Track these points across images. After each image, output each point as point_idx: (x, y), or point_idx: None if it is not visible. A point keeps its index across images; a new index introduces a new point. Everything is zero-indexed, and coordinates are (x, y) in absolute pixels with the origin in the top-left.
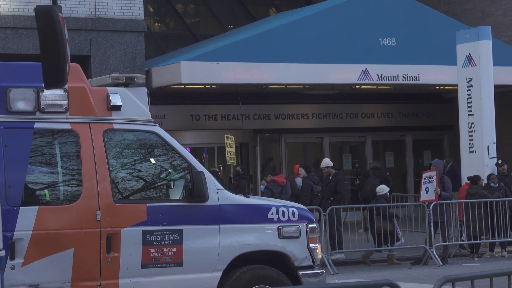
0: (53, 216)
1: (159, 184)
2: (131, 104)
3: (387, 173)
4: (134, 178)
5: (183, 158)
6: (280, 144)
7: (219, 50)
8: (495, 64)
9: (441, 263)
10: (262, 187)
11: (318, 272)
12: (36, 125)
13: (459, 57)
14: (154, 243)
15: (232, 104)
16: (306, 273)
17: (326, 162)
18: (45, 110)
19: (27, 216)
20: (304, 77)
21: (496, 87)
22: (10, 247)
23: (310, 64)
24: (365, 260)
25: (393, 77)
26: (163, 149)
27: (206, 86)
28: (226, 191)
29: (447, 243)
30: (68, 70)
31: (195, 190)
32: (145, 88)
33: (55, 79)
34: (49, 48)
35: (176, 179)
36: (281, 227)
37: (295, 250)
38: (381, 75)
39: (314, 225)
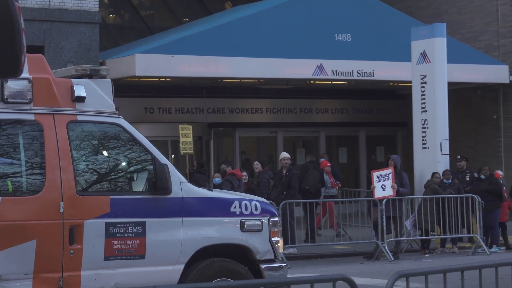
0: (16, 207)
1: (122, 176)
2: (96, 96)
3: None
4: (97, 170)
5: (147, 151)
6: (234, 138)
7: (174, 43)
8: (449, 61)
9: (392, 258)
10: (218, 179)
11: (280, 266)
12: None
13: (414, 54)
14: (117, 235)
15: (186, 98)
16: (268, 267)
17: (286, 154)
18: (8, 100)
19: None
20: (259, 72)
21: (450, 84)
22: None
23: (265, 58)
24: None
25: (348, 72)
26: (127, 141)
27: (161, 79)
28: (189, 184)
29: (399, 238)
30: (24, 60)
31: (159, 182)
32: (109, 80)
33: (10, 69)
34: (5, 38)
35: (140, 172)
36: (243, 220)
37: (257, 244)
38: (336, 70)
39: (276, 218)
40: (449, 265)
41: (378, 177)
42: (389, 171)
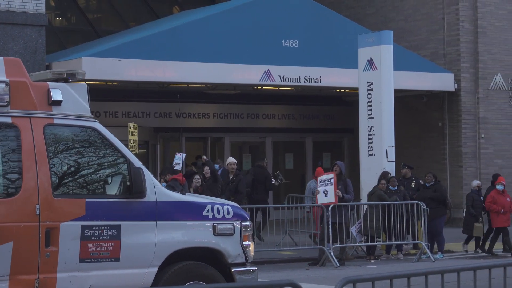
0: None
1: (98, 179)
2: (72, 100)
3: (278, 172)
4: (73, 173)
5: (122, 155)
6: (181, 143)
7: (121, 47)
8: (395, 68)
9: (338, 264)
10: (163, 184)
11: (251, 269)
12: None
13: (361, 60)
14: (92, 238)
15: (133, 102)
16: (239, 270)
17: (232, 159)
18: None
19: None
20: (206, 76)
21: (396, 91)
22: None
23: (213, 63)
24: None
25: (295, 78)
26: (102, 145)
27: (107, 83)
28: (163, 188)
29: (344, 244)
30: None
31: (134, 186)
32: (85, 84)
33: None
34: None
35: (115, 175)
36: (216, 224)
37: (229, 247)
38: (283, 76)
39: (248, 223)
40: (395, 271)
41: (320, 182)
42: (331, 176)
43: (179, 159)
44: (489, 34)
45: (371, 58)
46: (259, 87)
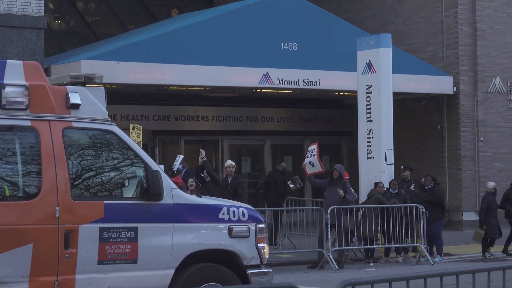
0: (13, 211)
1: (116, 182)
2: (90, 103)
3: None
4: (92, 176)
5: (140, 158)
6: (180, 146)
7: (120, 50)
8: (394, 71)
9: (337, 267)
10: None
11: (265, 271)
12: None
13: (359, 63)
14: (111, 240)
15: (132, 105)
16: (254, 272)
17: (231, 162)
18: (6, 106)
19: None
20: (205, 79)
21: (395, 94)
22: None
23: (212, 66)
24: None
25: (294, 81)
26: (120, 148)
27: (106, 86)
28: (180, 191)
29: (343, 247)
30: None
31: (152, 189)
32: (103, 87)
33: None
34: None
35: (133, 178)
36: (231, 226)
37: (245, 249)
38: (282, 79)
39: (263, 225)
40: (395, 274)
41: (307, 154)
42: (314, 146)
43: (178, 161)
44: (488, 37)
45: (370, 61)
46: (258, 90)
